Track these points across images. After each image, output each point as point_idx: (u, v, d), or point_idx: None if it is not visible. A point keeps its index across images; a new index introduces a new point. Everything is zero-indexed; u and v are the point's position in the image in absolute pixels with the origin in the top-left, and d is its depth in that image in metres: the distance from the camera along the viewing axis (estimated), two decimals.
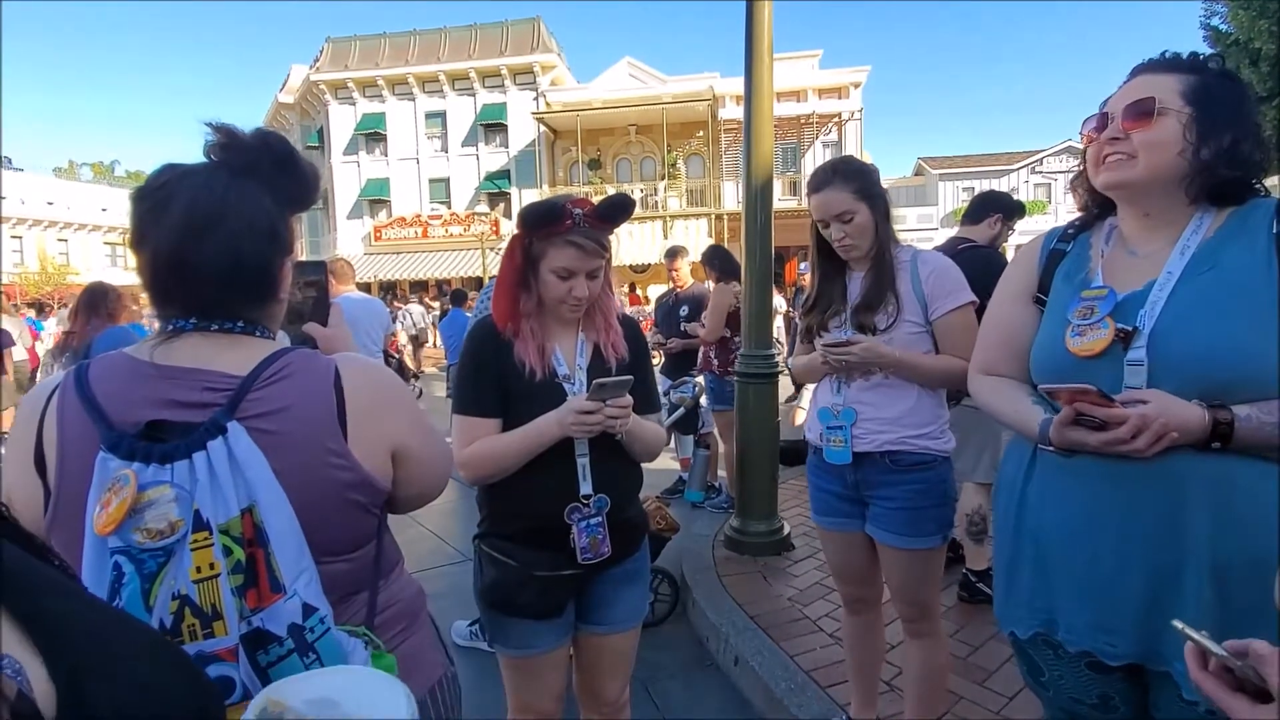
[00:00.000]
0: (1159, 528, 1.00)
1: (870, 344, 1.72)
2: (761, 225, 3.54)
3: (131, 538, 0.72)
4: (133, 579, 0.72)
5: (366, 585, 0.94)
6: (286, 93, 28.03)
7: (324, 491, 0.84)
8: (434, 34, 25.69)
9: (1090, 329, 1.07)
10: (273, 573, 0.76)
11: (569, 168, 24.74)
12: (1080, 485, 1.07)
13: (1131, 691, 1.09)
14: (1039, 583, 1.14)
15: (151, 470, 0.74)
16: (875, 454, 1.77)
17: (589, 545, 1.46)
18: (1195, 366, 0.98)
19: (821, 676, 2.42)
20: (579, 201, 1.42)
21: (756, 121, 3.50)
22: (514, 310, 1.47)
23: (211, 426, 0.77)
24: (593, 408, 1.37)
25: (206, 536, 0.74)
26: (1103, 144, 1.07)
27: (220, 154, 0.86)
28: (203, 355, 0.84)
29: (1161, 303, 1.02)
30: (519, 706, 1.61)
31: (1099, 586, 1.06)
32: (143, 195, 0.84)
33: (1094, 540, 1.06)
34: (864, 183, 1.77)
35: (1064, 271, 1.19)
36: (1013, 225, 3.27)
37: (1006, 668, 2.42)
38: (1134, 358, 1.02)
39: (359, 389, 0.89)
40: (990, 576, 2.91)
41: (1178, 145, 1.02)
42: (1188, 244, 1.04)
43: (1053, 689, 1.17)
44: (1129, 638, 1.04)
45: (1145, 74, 1.08)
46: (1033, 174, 25.03)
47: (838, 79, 23.03)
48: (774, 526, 3.63)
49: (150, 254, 0.83)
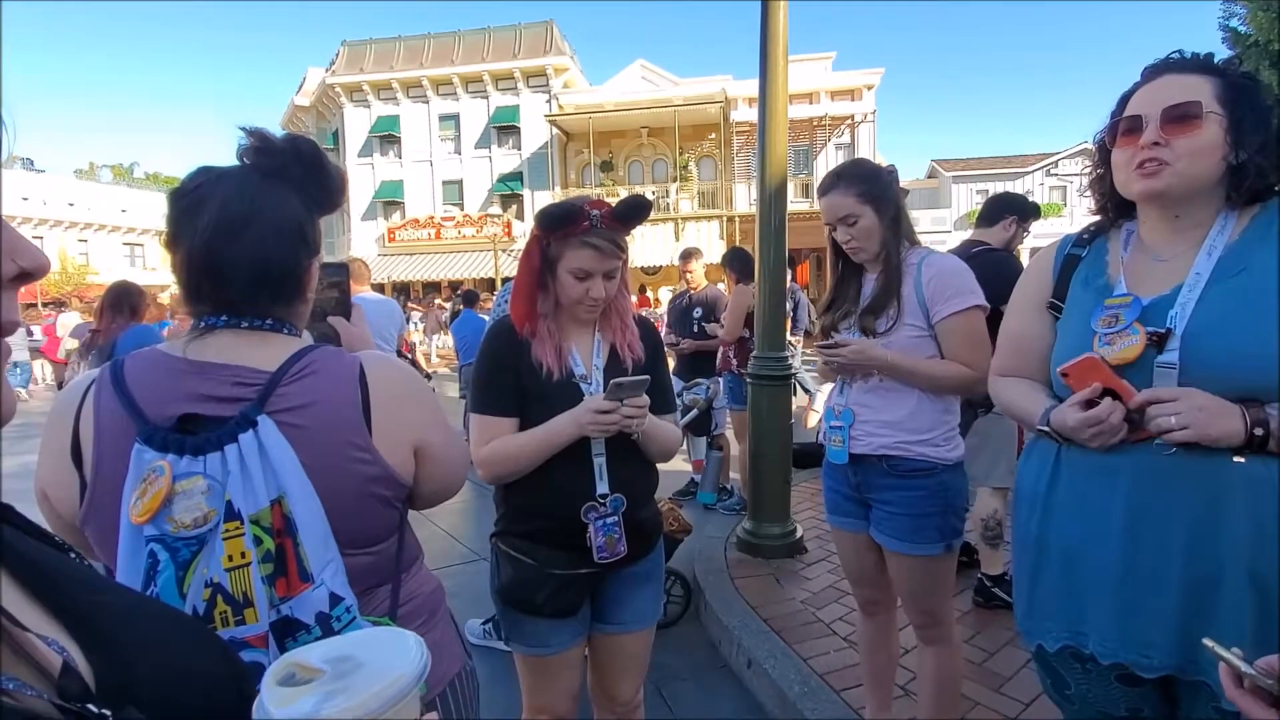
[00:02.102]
0: (1196, 534, 0.97)
1: (860, 346, 1.72)
2: (776, 228, 3.54)
3: (166, 526, 0.75)
4: (167, 566, 0.74)
5: (389, 578, 0.96)
6: (303, 96, 28.34)
7: (348, 485, 0.86)
8: (448, 37, 25.89)
9: (1119, 337, 1.04)
10: (301, 562, 0.78)
11: (581, 170, 24.83)
12: (1111, 490, 1.04)
13: (1161, 703, 1.07)
14: (1067, 594, 1.11)
15: (185, 462, 0.77)
16: (873, 457, 1.76)
17: (605, 544, 1.47)
18: (1229, 370, 0.95)
19: (835, 680, 2.41)
20: (596, 203, 1.43)
21: (771, 124, 3.51)
22: (532, 311, 1.48)
23: (242, 420, 0.80)
24: (610, 407, 1.38)
25: (238, 526, 0.76)
26: (1138, 149, 1.03)
27: (252, 157, 0.89)
28: (233, 351, 0.87)
29: (1192, 305, 1.00)
30: (534, 706, 1.62)
31: (1133, 597, 1.02)
32: (179, 196, 0.87)
33: (1127, 548, 1.03)
34: (869, 186, 1.76)
35: (1081, 278, 1.17)
36: (1028, 228, 3.24)
37: (1023, 673, 2.40)
38: (1166, 359, 0.99)
39: (383, 385, 0.92)
40: (1006, 581, 2.90)
41: (1221, 150, 1.00)
42: (1214, 245, 1.02)
43: (1079, 702, 1.14)
44: (1165, 650, 1.00)
45: (1172, 74, 1.04)
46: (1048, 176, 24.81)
47: (851, 81, 22.96)
48: (787, 529, 3.62)
49: (185, 253, 0.86)
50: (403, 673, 0.45)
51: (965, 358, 1.70)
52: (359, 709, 0.43)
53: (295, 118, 28.98)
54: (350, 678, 0.45)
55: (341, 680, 0.44)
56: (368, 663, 0.46)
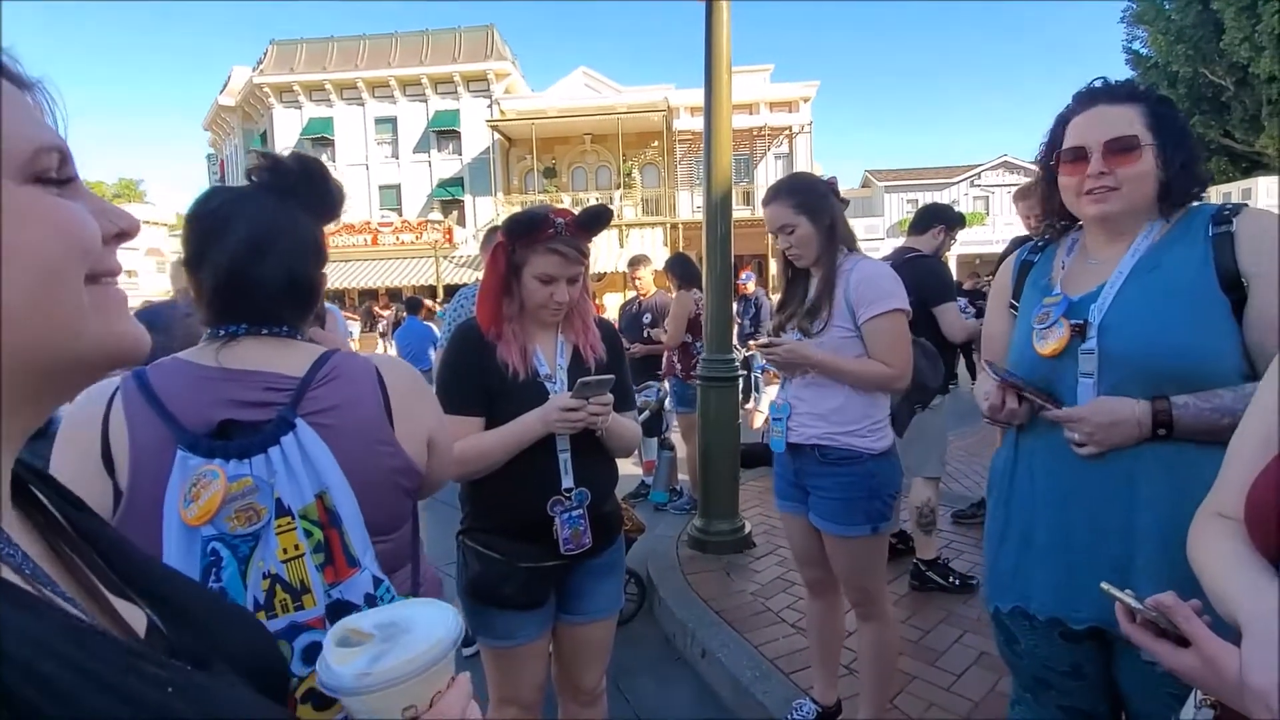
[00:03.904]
0: (1116, 508, 1.11)
1: (793, 346, 1.88)
2: (722, 235, 3.67)
3: (225, 526, 0.80)
4: (230, 562, 0.80)
5: (408, 558, 1.05)
6: (227, 95, 27.14)
7: (378, 477, 0.94)
8: (384, 39, 25.29)
9: (1049, 331, 1.19)
10: (347, 550, 0.85)
11: (524, 176, 24.66)
12: (1054, 471, 1.20)
13: (1100, 658, 1.20)
14: (1021, 560, 1.25)
15: (233, 465, 0.83)
16: (806, 446, 1.93)
17: (571, 537, 1.53)
18: (1139, 356, 1.10)
19: (785, 664, 2.54)
20: (561, 211, 1.51)
21: (716, 136, 3.63)
22: (497, 314, 1.54)
23: (281, 423, 0.86)
24: (577, 404, 1.45)
25: (289, 521, 0.83)
26: (1085, 178, 1.17)
27: (264, 177, 0.95)
28: (261, 358, 0.93)
29: (1110, 299, 1.15)
30: (501, 698, 1.66)
31: (1068, 563, 1.17)
32: (198, 218, 0.93)
33: (1064, 522, 1.18)
34: (804, 198, 1.92)
35: (1031, 280, 1.33)
36: (954, 235, 3.50)
37: (955, 648, 2.58)
38: (1087, 346, 1.14)
39: (398, 384, 1.01)
40: (939, 565, 3.11)
41: (1155, 174, 1.14)
42: (1138, 248, 1.17)
43: (1027, 658, 1.28)
44: (1091, 607, 1.13)
45: (1105, 104, 1.17)
46: (972, 187, 26.11)
47: (789, 93, 23.65)
48: (736, 525, 3.75)
49: (212, 271, 0.91)
50: (441, 637, 0.53)
51: (885, 357, 1.86)
52: (404, 666, 0.50)
53: (220, 118, 27.75)
54: (396, 640, 0.52)
55: (389, 643, 0.51)
56: (412, 628, 0.53)
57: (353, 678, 0.48)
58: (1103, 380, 1.13)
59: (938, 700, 2.29)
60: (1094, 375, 1.13)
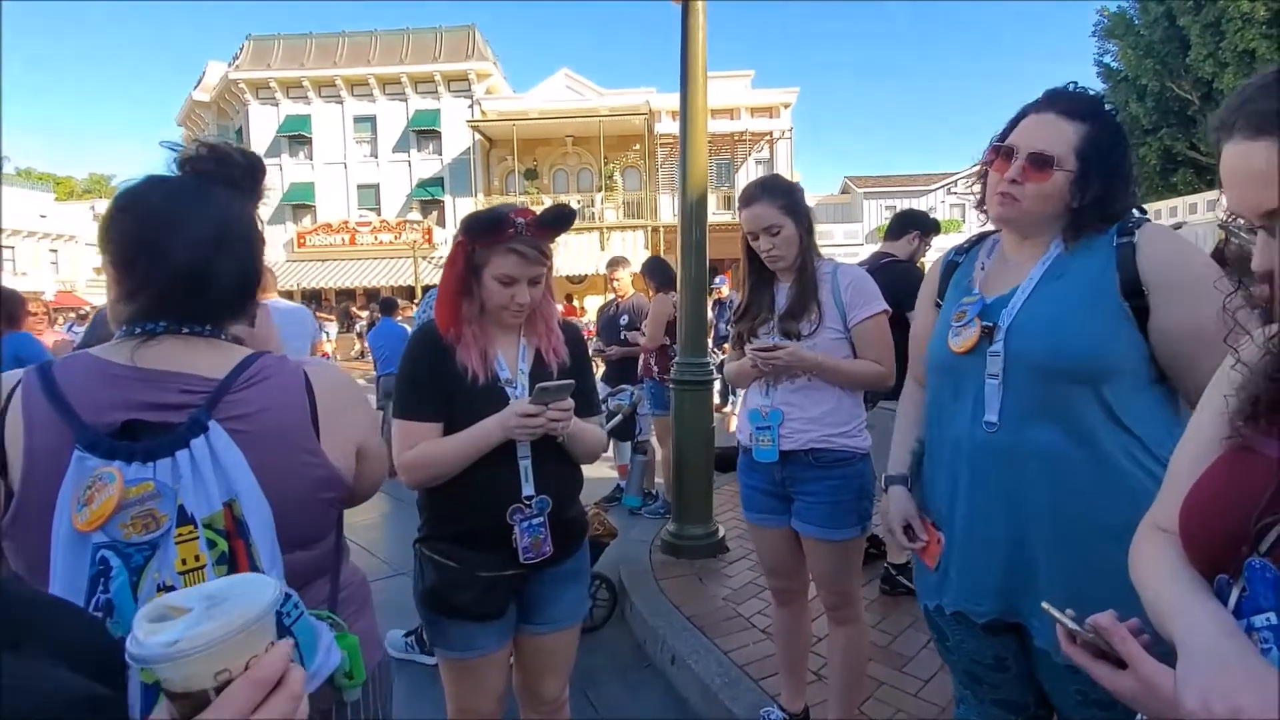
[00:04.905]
0: (1010, 501, 1.16)
1: (794, 349, 1.86)
2: (697, 239, 3.66)
3: (118, 533, 0.74)
4: (120, 572, 0.74)
5: (329, 570, 0.99)
6: (202, 91, 26.64)
7: (298, 489, 0.89)
8: (364, 36, 25.03)
9: (964, 329, 1.23)
10: (254, 562, 0.80)
11: (505, 177, 24.53)
12: (955, 467, 1.24)
13: (1022, 652, 1.23)
14: (944, 559, 1.28)
15: (134, 468, 0.77)
16: (800, 452, 1.91)
17: (531, 545, 1.49)
18: (1039, 358, 1.13)
19: (754, 670, 2.52)
20: (521, 211, 1.47)
21: (692, 136, 3.63)
22: (456, 316, 1.50)
23: (193, 425, 0.81)
24: (535, 410, 1.41)
25: (191, 530, 0.77)
26: (999, 181, 1.19)
27: (205, 167, 0.91)
28: (181, 359, 0.87)
29: (1019, 304, 1.18)
30: (460, 709, 1.61)
31: (971, 556, 1.22)
32: (135, 208, 0.87)
33: (965, 515, 1.22)
34: (790, 200, 1.92)
35: (955, 281, 1.37)
36: (929, 241, 3.52)
37: (923, 654, 2.58)
38: (994, 349, 1.18)
39: (328, 392, 0.96)
40: (909, 569, 3.11)
41: (1063, 197, 1.16)
42: (1049, 257, 1.20)
43: (956, 653, 1.31)
44: (991, 599, 1.19)
45: (1053, 114, 1.17)
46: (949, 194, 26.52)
47: (769, 99, 23.84)
48: (709, 530, 3.73)
49: (165, 267, 0.86)
50: (254, 602, 0.52)
51: (876, 356, 1.91)
52: (214, 631, 0.49)
53: (194, 113, 27.21)
54: (216, 609, 0.51)
55: (209, 613, 0.50)
56: (230, 599, 0.52)
57: (160, 646, 0.48)
58: (1007, 381, 1.16)
59: (905, 706, 2.28)
60: (999, 377, 1.17)
